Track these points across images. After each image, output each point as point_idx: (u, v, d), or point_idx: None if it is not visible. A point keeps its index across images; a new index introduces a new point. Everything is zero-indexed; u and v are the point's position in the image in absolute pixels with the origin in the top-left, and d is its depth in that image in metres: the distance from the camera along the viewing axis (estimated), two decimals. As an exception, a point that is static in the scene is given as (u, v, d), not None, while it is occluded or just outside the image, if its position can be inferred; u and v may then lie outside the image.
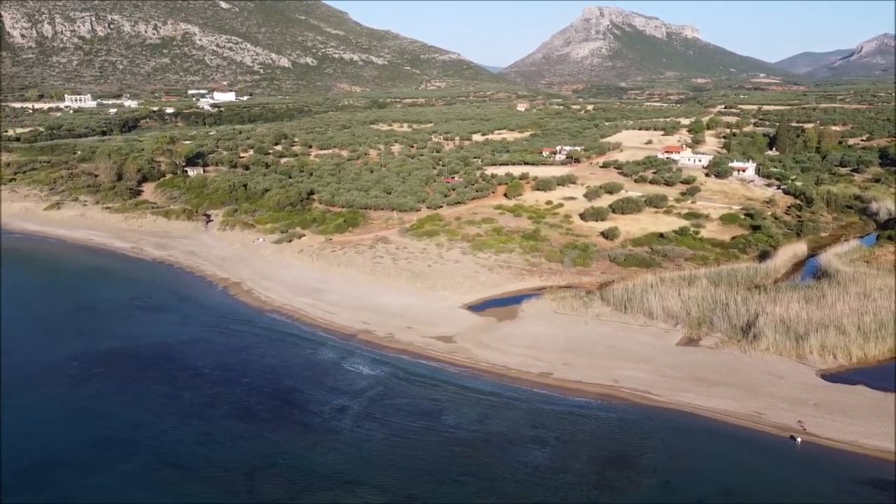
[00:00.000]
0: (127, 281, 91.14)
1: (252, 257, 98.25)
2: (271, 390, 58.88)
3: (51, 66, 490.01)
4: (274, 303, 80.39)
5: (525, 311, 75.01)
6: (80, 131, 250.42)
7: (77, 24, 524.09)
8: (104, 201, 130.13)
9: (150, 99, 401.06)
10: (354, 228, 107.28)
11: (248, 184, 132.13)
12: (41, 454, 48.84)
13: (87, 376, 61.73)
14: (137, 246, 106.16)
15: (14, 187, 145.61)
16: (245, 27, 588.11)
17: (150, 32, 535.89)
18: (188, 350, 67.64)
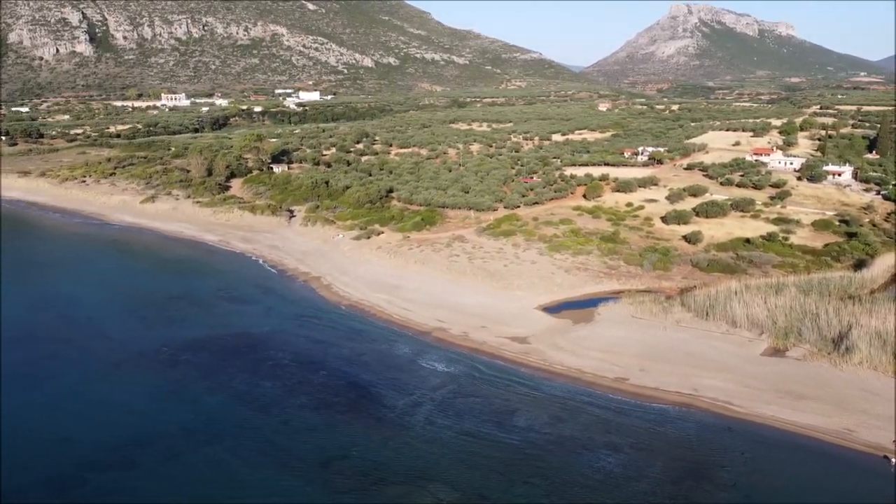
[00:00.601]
0: (214, 272, 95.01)
1: (332, 253, 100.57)
2: (347, 383, 60.15)
3: (149, 66, 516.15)
4: (351, 298, 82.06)
5: (601, 314, 73.76)
6: (175, 129, 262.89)
7: (174, 27, 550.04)
8: (195, 196, 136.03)
9: (239, 98, 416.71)
10: (432, 227, 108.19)
11: (330, 181, 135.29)
12: (132, 434, 51.57)
13: (174, 362, 64.75)
14: (224, 239, 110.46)
15: (114, 181, 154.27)
16: (331, 28, 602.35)
17: (241, 34, 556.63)
18: (269, 341, 69.92)
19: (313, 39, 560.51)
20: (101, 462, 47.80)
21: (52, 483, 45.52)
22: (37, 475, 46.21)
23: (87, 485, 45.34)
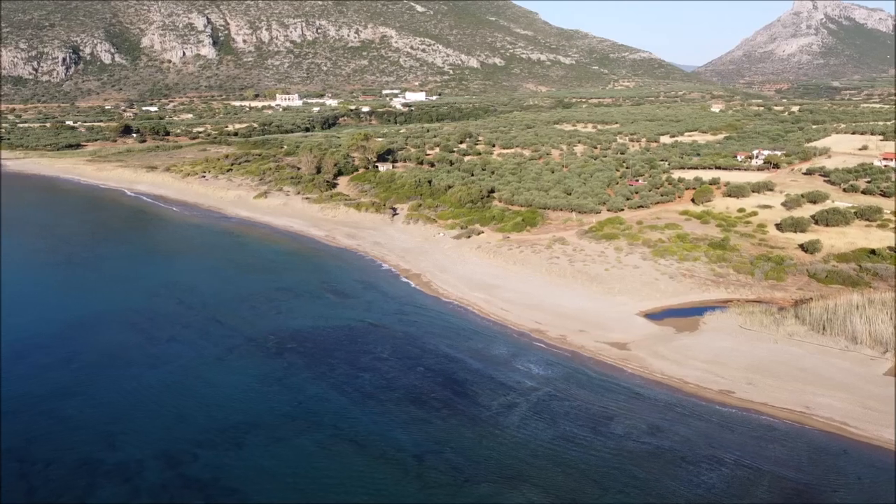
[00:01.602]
0: (319, 266, 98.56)
1: (432, 250, 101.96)
2: (443, 379, 60.85)
3: (266, 68, 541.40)
4: (451, 295, 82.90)
5: (707, 323, 70.93)
6: (288, 127, 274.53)
7: (290, 30, 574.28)
8: (304, 192, 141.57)
9: (348, 98, 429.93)
10: (532, 228, 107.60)
11: (433, 180, 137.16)
12: (240, 416, 54.39)
13: (280, 350, 67.68)
14: (330, 235, 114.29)
15: (230, 177, 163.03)
16: (438, 29, 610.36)
17: (351, 36, 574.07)
18: (370, 334, 71.78)
19: (421, 41, 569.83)
20: (212, 441, 50.70)
21: (167, 456, 48.71)
22: (154, 448, 49.60)
23: (198, 461, 48.20)
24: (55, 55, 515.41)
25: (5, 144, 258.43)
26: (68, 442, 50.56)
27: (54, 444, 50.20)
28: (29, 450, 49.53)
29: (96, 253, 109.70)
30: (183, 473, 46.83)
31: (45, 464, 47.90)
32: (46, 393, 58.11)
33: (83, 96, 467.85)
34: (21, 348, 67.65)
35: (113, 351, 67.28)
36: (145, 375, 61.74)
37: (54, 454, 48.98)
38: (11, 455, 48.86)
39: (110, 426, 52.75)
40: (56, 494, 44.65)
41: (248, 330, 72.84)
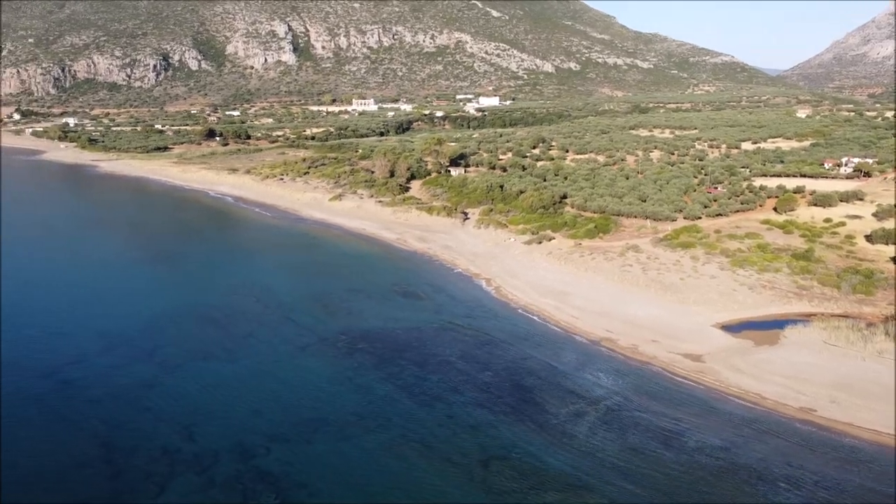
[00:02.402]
0: (391, 268, 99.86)
1: (503, 255, 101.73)
2: (511, 385, 60.58)
3: (343, 73, 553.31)
4: (520, 301, 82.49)
5: (788, 337, 68.02)
6: (363, 132, 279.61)
7: (367, 36, 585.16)
8: (377, 195, 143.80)
9: (423, 103, 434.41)
10: (605, 235, 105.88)
11: (505, 185, 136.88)
12: (311, 413, 55.69)
13: (351, 350, 68.91)
14: (402, 238, 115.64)
15: (307, 179, 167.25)
16: (513, 34, 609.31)
17: (427, 42, 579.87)
18: (439, 337, 72.20)
19: (495, 46, 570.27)
20: (283, 435, 52.10)
21: (241, 449, 50.35)
22: (230, 441, 51.37)
23: (270, 454, 49.61)
24: (147, 62, 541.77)
25: (100, 147, 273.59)
26: (150, 431, 52.97)
27: (138, 433, 52.69)
28: (114, 436, 52.18)
29: (180, 251, 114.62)
30: (256, 466, 48.29)
31: (129, 450, 50.34)
32: (132, 383, 61.06)
33: (171, 101, 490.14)
34: (110, 340, 71.34)
35: (193, 345, 70.11)
36: (223, 370, 64.04)
37: (137, 441, 51.41)
38: (98, 440, 51.59)
39: (189, 417, 54.96)
40: (138, 480, 46.84)
41: (320, 329, 74.49)
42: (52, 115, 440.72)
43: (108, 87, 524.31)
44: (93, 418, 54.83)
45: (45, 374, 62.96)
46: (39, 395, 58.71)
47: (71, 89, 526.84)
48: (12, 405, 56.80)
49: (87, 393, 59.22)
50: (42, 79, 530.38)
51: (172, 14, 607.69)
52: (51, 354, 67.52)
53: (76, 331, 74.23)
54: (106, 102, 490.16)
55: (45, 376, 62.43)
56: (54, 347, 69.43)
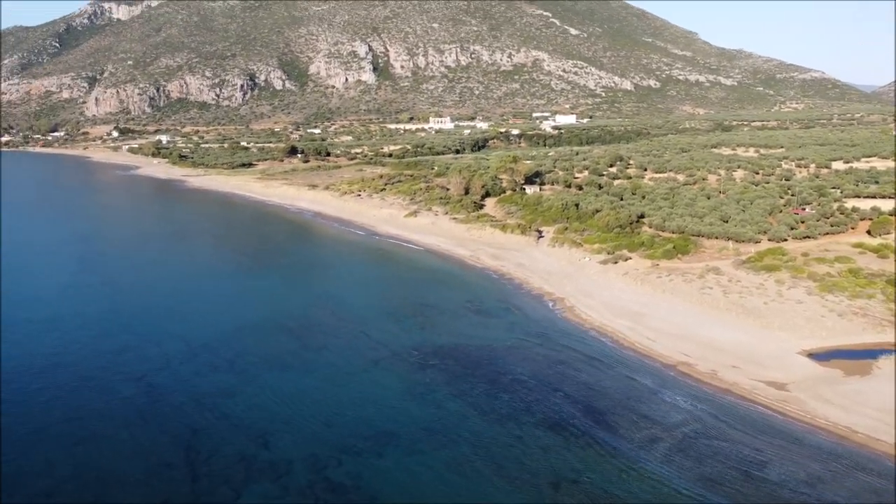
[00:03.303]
0: (463, 285, 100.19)
1: (577, 275, 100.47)
2: (583, 407, 59.55)
3: (421, 92, 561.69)
4: (594, 321, 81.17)
5: (882, 368, 64.23)
6: (439, 149, 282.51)
7: (445, 56, 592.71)
8: (452, 212, 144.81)
9: (499, 121, 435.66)
10: (684, 255, 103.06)
11: (580, 203, 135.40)
12: (382, 427, 56.32)
13: (423, 366, 69.37)
14: (475, 255, 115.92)
15: (384, 196, 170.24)
16: (591, 52, 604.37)
17: (504, 60, 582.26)
18: (510, 355, 71.82)
19: (573, 64, 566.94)
20: (355, 448, 52.87)
21: (314, 459, 51.43)
22: (303, 451, 52.56)
23: (342, 466, 50.42)
24: (234, 82, 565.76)
25: (189, 162, 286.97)
26: (229, 437, 54.80)
27: (216, 439, 54.60)
28: (195, 441, 54.24)
29: (261, 264, 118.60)
30: (328, 477, 49.16)
31: (208, 454, 52.23)
32: (213, 390, 63.41)
33: (256, 119, 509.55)
34: (194, 348, 74.38)
35: (271, 355, 72.23)
36: (298, 380, 65.66)
37: (216, 447, 53.27)
38: (180, 444, 53.75)
39: (265, 425, 56.57)
40: (217, 483, 48.49)
41: (393, 344, 75.39)
42: (147, 132, 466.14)
43: (198, 106, 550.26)
44: (176, 422, 57.20)
45: (136, 377, 66.22)
46: (129, 398, 61.74)
47: (165, 108, 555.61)
48: (107, 406, 59.98)
49: (172, 398, 61.88)
50: (139, 98, 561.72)
51: (259, 36, 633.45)
52: (141, 359, 70.99)
53: (164, 338, 77.74)
54: (196, 120, 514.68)
55: (136, 380, 65.66)
56: (144, 353, 72.95)
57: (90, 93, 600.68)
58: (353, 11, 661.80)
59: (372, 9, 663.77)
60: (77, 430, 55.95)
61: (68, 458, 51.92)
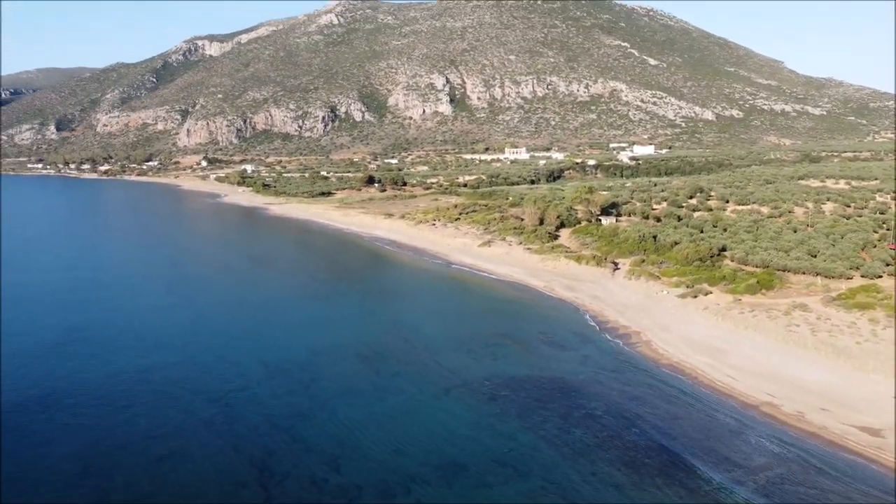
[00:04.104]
0: (536, 316, 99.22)
1: (654, 308, 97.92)
2: (659, 445, 57.56)
3: (497, 123, 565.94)
4: (671, 357, 78.71)
5: None
6: (514, 180, 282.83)
7: (521, 87, 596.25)
8: (526, 242, 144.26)
9: (574, 152, 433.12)
10: (768, 291, 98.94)
11: (658, 235, 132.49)
12: (452, 457, 56.01)
13: (494, 396, 68.81)
14: (549, 285, 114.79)
15: (458, 225, 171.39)
16: (671, 82, 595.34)
17: (581, 91, 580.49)
18: (583, 389, 70.37)
19: (652, 94, 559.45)
20: (425, 476, 52.74)
21: (384, 485, 51.57)
22: (373, 476, 52.81)
23: (411, 494, 50.36)
24: (316, 114, 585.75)
25: (272, 191, 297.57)
26: (301, 460, 55.70)
27: (290, 461, 55.58)
28: (269, 462, 55.38)
29: (337, 289, 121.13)
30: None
31: (281, 476, 53.19)
32: (287, 413, 64.75)
33: (336, 150, 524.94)
34: (271, 371, 76.32)
35: (344, 380, 73.29)
36: (370, 406, 66.26)
37: (289, 469, 54.21)
38: (255, 464, 55.00)
39: (337, 450, 57.22)
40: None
41: (464, 373, 75.20)
42: (234, 162, 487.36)
43: (281, 137, 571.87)
44: (252, 443, 58.62)
45: (215, 398, 68.41)
46: (209, 418, 63.78)
47: (250, 139, 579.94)
48: (188, 425, 62.15)
49: (249, 419, 63.53)
50: (227, 130, 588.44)
51: (341, 70, 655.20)
52: (220, 380, 73.38)
53: (243, 360, 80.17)
54: (279, 151, 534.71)
55: (214, 400, 67.83)
56: (224, 374, 75.39)
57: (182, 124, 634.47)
58: (431, 45, 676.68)
59: (450, 42, 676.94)
60: (159, 446, 58.11)
61: (149, 473, 53.93)
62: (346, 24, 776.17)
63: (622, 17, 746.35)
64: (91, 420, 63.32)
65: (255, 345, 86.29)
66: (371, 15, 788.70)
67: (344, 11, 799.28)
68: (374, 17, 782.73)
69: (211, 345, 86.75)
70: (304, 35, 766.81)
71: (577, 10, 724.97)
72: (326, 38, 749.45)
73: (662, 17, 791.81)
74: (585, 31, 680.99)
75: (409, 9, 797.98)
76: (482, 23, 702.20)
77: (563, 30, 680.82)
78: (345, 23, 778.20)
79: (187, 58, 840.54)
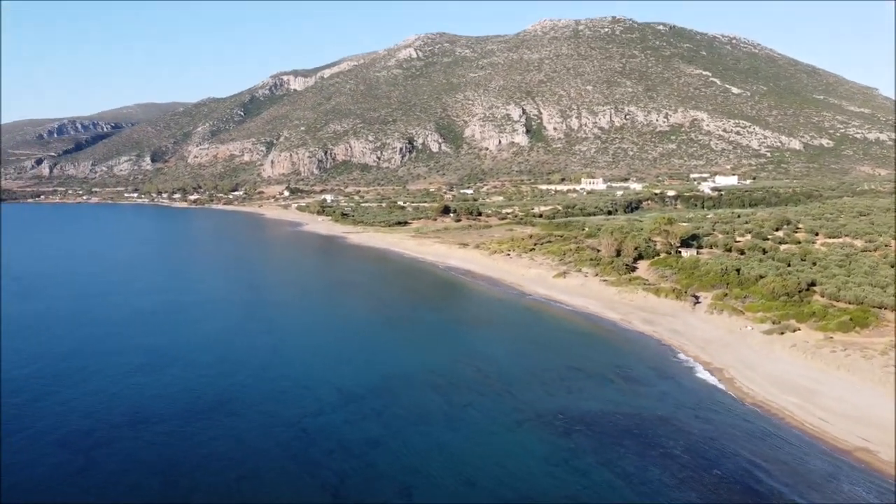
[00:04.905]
0: (612, 349, 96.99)
1: (737, 344, 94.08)
2: (743, 489, 54.80)
3: (573, 153, 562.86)
4: (756, 396, 75.19)
5: None
6: (590, 210, 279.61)
7: (598, 117, 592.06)
8: (602, 274, 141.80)
9: (653, 182, 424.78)
10: (863, 329, 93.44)
11: (742, 268, 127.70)
12: (525, 491, 55.02)
13: (568, 431, 67.35)
14: (626, 318, 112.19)
15: (532, 256, 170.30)
16: (755, 111, 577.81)
17: (660, 121, 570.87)
18: (661, 427, 68.00)
19: (735, 123, 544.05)
20: (496, 510, 51.96)
21: (455, 518, 51.10)
22: (444, 508, 52.45)
23: (483, 528, 49.64)
24: (394, 145, 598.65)
25: (350, 220, 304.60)
26: (373, 487, 55.91)
27: (362, 488, 55.90)
28: (342, 488, 55.86)
29: (411, 317, 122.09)
30: (467, 537, 48.57)
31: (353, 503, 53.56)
32: (360, 439, 65.29)
33: (413, 180, 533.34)
34: (345, 397, 77.36)
35: (417, 409, 73.40)
36: (442, 436, 66.02)
37: (362, 496, 54.51)
38: (328, 490, 55.59)
39: (409, 478, 57.17)
40: (359, 533, 49.45)
41: (538, 405, 74.05)
42: (314, 192, 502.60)
43: (360, 168, 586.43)
44: (326, 468, 59.34)
45: (291, 422, 69.78)
46: (285, 442, 65.04)
47: (330, 169, 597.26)
48: (266, 447, 63.57)
49: (324, 444, 64.42)
50: (308, 161, 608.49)
51: (419, 102, 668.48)
52: (296, 404, 74.86)
53: (318, 384, 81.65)
54: (358, 181, 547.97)
55: (291, 424, 69.17)
56: (300, 398, 76.91)
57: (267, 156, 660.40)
58: (508, 77, 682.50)
59: (527, 73, 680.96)
60: (238, 467, 59.59)
61: (228, 492, 55.29)
62: (424, 57, 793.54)
63: (703, 45, 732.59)
64: (174, 438, 65.67)
65: (330, 370, 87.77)
66: (449, 48, 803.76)
67: (423, 45, 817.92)
68: (451, 51, 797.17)
69: (288, 368, 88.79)
70: (384, 69, 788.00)
71: (656, 40, 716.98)
72: (405, 71, 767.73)
73: (746, 44, 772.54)
74: (665, 61, 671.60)
75: (486, 42, 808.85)
76: (559, 54, 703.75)
77: (642, 59, 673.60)
78: (423, 56, 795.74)
79: (273, 92, 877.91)
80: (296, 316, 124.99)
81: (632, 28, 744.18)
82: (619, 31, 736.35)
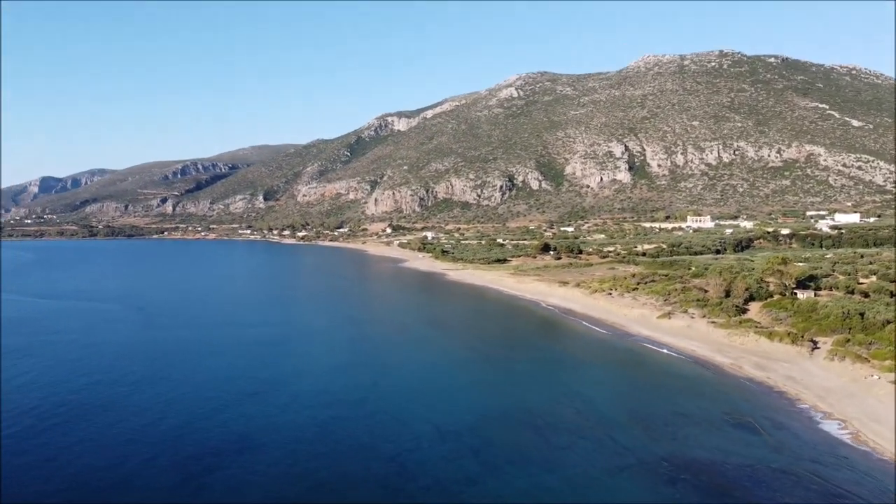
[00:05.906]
0: (721, 395, 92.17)
1: (862, 394, 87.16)
2: (871, 553, 50.21)
3: (678, 190, 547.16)
4: (884, 451, 69.13)
5: None
6: (697, 249, 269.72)
7: (705, 153, 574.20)
8: (710, 315, 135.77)
9: (765, 220, 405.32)
10: None
11: (866, 312, 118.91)
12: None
13: (673, 479, 64.23)
14: (736, 363, 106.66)
15: (635, 295, 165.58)
16: (878, 144, 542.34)
17: (772, 156, 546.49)
18: (776, 480, 63.63)
19: (856, 157, 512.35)
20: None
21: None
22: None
23: (581, 577, 47.84)
24: (494, 183, 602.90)
25: (450, 257, 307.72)
26: (469, 526, 55.28)
27: (458, 526, 55.40)
28: (438, 526, 55.56)
29: (509, 355, 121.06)
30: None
31: (449, 542, 53.09)
32: (457, 477, 64.87)
33: (513, 217, 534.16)
34: (442, 434, 77.29)
35: (514, 448, 72.27)
36: (539, 478, 64.58)
37: (457, 535, 53.98)
38: (425, 527, 55.42)
39: (505, 520, 56.15)
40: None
41: (640, 451, 71.21)
42: (415, 229, 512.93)
43: (460, 206, 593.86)
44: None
45: (389, 456, 70.39)
46: (383, 476, 65.60)
47: (431, 207, 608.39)
48: (364, 479, 64.39)
49: (421, 480, 64.46)
50: (410, 199, 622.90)
51: (520, 140, 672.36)
52: (394, 439, 75.49)
53: (415, 420, 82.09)
54: (458, 218, 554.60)
55: (389, 459, 69.77)
56: (397, 433, 77.51)
57: (371, 194, 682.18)
58: (610, 114, 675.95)
59: (630, 110, 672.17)
60: (338, 499, 60.52)
61: (327, 524, 56.22)
62: (525, 96, 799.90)
63: (819, 77, 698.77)
64: (278, 468, 67.65)
65: (427, 406, 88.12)
66: (550, 87, 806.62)
67: (524, 85, 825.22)
68: (552, 89, 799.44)
69: (387, 403, 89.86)
70: (485, 108, 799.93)
71: (766, 73, 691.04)
72: (506, 110, 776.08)
73: (867, 75, 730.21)
74: (777, 94, 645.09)
75: (587, 79, 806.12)
76: (663, 90, 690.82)
77: (752, 93, 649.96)
78: (524, 95, 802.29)
79: (378, 133, 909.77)
80: (395, 350, 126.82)
81: (741, 61, 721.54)
82: (727, 65, 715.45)
